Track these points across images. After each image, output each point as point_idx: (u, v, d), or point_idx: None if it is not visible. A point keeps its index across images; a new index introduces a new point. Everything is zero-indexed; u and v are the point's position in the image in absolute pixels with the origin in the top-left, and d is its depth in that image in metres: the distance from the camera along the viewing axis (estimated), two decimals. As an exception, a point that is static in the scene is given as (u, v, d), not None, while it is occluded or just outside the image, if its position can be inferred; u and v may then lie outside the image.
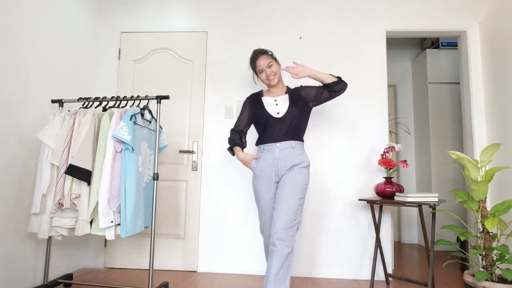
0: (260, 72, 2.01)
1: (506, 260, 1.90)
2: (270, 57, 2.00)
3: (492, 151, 2.01)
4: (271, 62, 1.98)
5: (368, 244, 2.61)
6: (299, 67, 1.96)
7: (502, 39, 2.53)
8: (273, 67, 1.98)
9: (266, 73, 1.98)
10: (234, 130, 2.08)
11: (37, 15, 2.23)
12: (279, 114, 1.95)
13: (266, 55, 2.00)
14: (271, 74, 1.98)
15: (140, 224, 2.03)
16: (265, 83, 2.04)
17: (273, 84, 2.01)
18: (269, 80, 1.99)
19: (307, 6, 2.89)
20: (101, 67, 2.96)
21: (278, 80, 2.02)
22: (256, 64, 2.01)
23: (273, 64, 1.99)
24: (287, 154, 1.91)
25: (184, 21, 2.95)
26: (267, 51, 2.02)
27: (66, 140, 2.03)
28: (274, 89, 2.06)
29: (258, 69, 2.01)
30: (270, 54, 2.01)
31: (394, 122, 4.16)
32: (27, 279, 2.15)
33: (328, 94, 1.99)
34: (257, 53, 2.02)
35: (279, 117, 1.94)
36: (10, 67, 2.02)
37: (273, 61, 2.00)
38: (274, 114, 1.95)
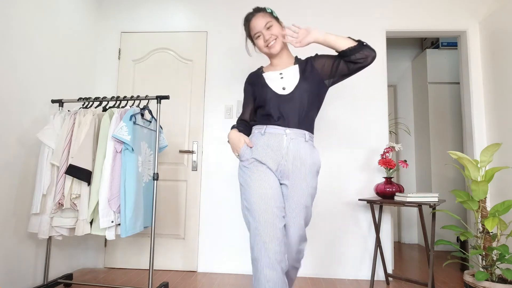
0: (256, 37, 1.50)
1: (506, 260, 1.90)
2: (269, 16, 1.50)
3: (492, 151, 2.01)
4: (271, 22, 1.48)
5: (368, 244, 2.61)
6: (303, 31, 1.43)
7: (502, 39, 2.53)
8: (273, 28, 1.48)
9: (265, 37, 1.47)
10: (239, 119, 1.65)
11: (37, 15, 2.23)
12: (285, 90, 1.44)
13: (263, 12, 1.50)
14: (271, 39, 1.47)
15: (140, 224, 2.03)
16: (264, 52, 1.53)
17: (275, 52, 1.50)
18: (269, 47, 1.49)
19: (307, 5, 2.88)
20: (101, 67, 2.96)
21: (280, 46, 1.50)
22: (251, 26, 1.51)
23: (273, 24, 1.48)
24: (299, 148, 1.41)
25: (184, 21, 2.95)
26: (265, 8, 1.52)
27: (66, 140, 2.03)
28: (278, 61, 1.56)
29: (254, 33, 1.50)
30: (269, 12, 1.52)
31: (394, 122, 4.16)
32: (27, 279, 2.15)
33: (345, 66, 1.44)
34: (252, 11, 1.53)
35: (285, 94, 1.43)
36: (10, 67, 2.02)
37: (273, 20, 1.50)
38: (278, 90, 1.45)
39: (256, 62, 2.84)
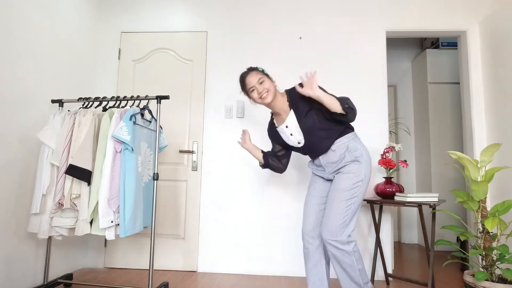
0: (251, 91, 1.78)
1: (506, 260, 1.90)
2: (260, 73, 1.79)
3: (492, 151, 2.01)
4: (262, 78, 1.77)
5: (368, 244, 2.61)
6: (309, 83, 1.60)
7: (502, 39, 2.53)
8: (265, 83, 1.75)
9: (258, 91, 1.75)
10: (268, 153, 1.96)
11: (37, 15, 2.23)
12: (300, 144, 1.79)
13: (255, 71, 1.80)
14: (264, 91, 1.74)
15: (139, 224, 2.03)
16: (258, 103, 1.80)
17: (267, 102, 1.76)
18: (262, 99, 1.76)
19: (307, 6, 2.89)
20: (101, 67, 2.96)
21: (272, 97, 1.76)
22: (246, 82, 1.79)
23: (264, 80, 1.76)
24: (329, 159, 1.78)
25: (184, 21, 2.95)
26: (257, 68, 1.83)
27: (66, 140, 2.03)
28: (277, 108, 1.82)
29: (249, 87, 1.78)
30: (260, 70, 1.82)
31: (394, 122, 4.16)
32: (27, 279, 2.15)
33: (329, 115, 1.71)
34: (245, 71, 1.84)
35: (302, 146, 1.80)
36: (10, 67, 2.02)
37: (264, 77, 1.78)
38: (295, 145, 1.82)
39: (255, 63, 2.85)
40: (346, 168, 1.72)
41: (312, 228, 1.81)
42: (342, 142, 1.74)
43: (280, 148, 1.93)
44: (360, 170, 1.70)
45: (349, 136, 1.77)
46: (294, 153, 2.71)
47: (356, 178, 1.69)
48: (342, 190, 1.68)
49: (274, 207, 2.71)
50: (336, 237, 1.64)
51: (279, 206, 2.71)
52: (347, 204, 1.66)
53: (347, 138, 1.75)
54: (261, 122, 2.78)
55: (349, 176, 1.69)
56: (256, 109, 2.79)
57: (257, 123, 2.79)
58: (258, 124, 2.79)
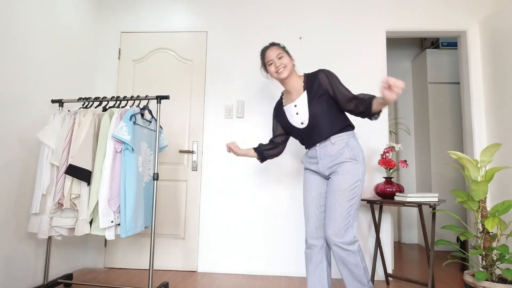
0: (269, 64, 1.82)
1: (506, 260, 1.90)
2: (281, 48, 1.82)
3: (492, 151, 2.01)
4: (282, 54, 1.80)
5: (368, 244, 2.61)
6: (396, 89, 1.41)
7: (502, 39, 2.53)
8: (283, 58, 1.79)
9: (276, 64, 1.79)
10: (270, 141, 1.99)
11: (37, 15, 2.23)
12: (303, 124, 1.78)
13: (277, 46, 1.84)
14: (281, 66, 1.77)
15: (140, 224, 2.03)
16: (274, 77, 1.84)
17: (283, 77, 1.79)
18: (278, 73, 1.79)
19: (307, 6, 2.89)
20: (101, 67, 2.96)
21: (288, 73, 1.79)
22: (266, 55, 1.83)
23: (283, 55, 1.80)
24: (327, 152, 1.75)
25: (184, 21, 2.95)
26: (278, 43, 1.86)
27: (66, 140, 2.03)
28: (290, 86, 1.84)
29: (267, 60, 1.82)
30: (282, 47, 1.85)
31: (394, 122, 4.16)
32: (27, 279, 2.15)
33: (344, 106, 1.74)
34: (268, 45, 1.87)
35: (304, 127, 1.78)
36: (10, 67, 2.02)
37: (284, 53, 1.81)
38: (298, 125, 1.81)
39: (256, 64, 2.85)
40: (343, 167, 1.70)
41: (315, 229, 1.79)
42: (342, 137, 1.73)
43: (280, 133, 1.94)
44: (358, 169, 1.70)
45: (349, 133, 1.76)
46: (293, 153, 2.71)
47: (355, 178, 1.68)
48: (343, 191, 1.67)
49: (274, 207, 2.71)
50: (342, 239, 1.63)
51: (279, 206, 2.71)
52: (349, 204, 1.66)
53: (348, 135, 1.75)
54: (260, 123, 2.78)
55: (348, 176, 1.68)
56: (256, 109, 2.79)
57: (257, 123, 2.79)
58: (258, 124, 2.79)
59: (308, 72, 1.86)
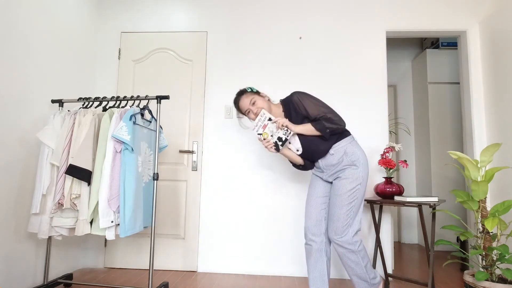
0: (247, 113, 1.89)
1: (506, 260, 1.90)
2: (250, 94, 1.89)
3: (492, 151, 2.01)
4: (253, 98, 1.86)
5: (368, 244, 2.61)
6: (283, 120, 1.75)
7: (502, 39, 2.53)
8: (257, 102, 1.85)
9: (253, 111, 1.85)
10: None
11: (37, 15, 2.23)
12: (299, 152, 1.88)
13: (245, 94, 1.90)
14: (259, 111, 1.83)
15: (139, 224, 2.03)
16: None
17: None
18: None
19: (307, 6, 2.89)
20: (101, 67, 2.96)
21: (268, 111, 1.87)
22: (240, 107, 1.91)
23: (256, 99, 1.86)
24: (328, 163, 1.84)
25: (184, 21, 2.95)
26: (245, 89, 1.93)
27: (66, 140, 2.03)
28: None
29: (244, 111, 1.90)
30: (249, 91, 1.91)
31: (394, 122, 4.16)
32: (27, 279, 2.15)
33: None
34: (236, 96, 1.94)
35: (302, 153, 1.87)
36: (10, 67, 2.02)
37: (255, 96, 1.88)
38: (295, 152, 1.90)
39: (255, 63, 2.85)
40: (344, 173, 1.79)
41: (314, 225, 1.88)
42: (340, 146, 1.80)
43: None
44: (357, 174, 1.78)
45: (347, 139, 1.83)
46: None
47: (354, 182, 1.77)
48: (342, 194, 1.78)
49: (274, 207, 2.71)
50: (341, 237, 1.75)
51: (279, 206, 2.71)
52: (348, 207, 1.77)
53: (345, 142, 1.82)
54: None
55: (348, 181, 1.77)
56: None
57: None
58: (258, 124, 2.79)
59: (283, 98, 1.94)
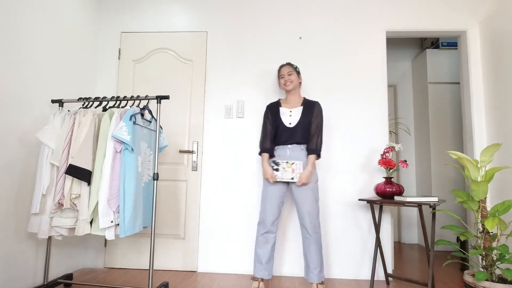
0: (281, 77, 2.37)
1: (506, 260, 1.90)
2: (292, 68, 2.36)
3: (492, 151, 2.01)
4: (292, 72, 2.34)
5: (368, 244, 2.61)
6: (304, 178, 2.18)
7: (502, 39, 2.53)
8: (292, 76, 2.32)
9: (285, 79, 2.33)
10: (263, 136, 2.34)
11: (36, 15, 2.23)
12: (291, 124, 2.27)
13: (290, 65, 2.38)
14: (288, 81, 2.32)
15: (139, 224, 2.03)
16: (281, 88, 2.39)
17: (288, 89, 2.33)
18: (285, 86, 2.34)
19: (307, 6, 2.89)
20: (101, 67, 2.96)
21: (292, 87, 2.32)
22: (280, 70, 2.39)
23: (293, 74, 2.33)
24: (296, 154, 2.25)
25: (184, 21, 2.95)
26: (293, 64, 2.39)
27: (66, 140, 2.03)
28: (290, 98, 2.36)
29: (280, 74, 2.37)
30: (294, 67, 2.37)
31: (394, 122, 4.16)
32: (27, 279, 2.15)
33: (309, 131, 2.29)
34: (284, 63, 2.42)
35: (290, 127, 2.26)
36: (10, 67, 2.02)
37: (294, 71, 2.34)
38: (286, 124, 2.28)
39: (255, 63, 2.85)
40: None
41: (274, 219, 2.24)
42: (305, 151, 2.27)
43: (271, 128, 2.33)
44: None
45: None
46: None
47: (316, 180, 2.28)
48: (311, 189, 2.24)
49: (274, 207, 2.71)
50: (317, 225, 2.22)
51: (279, 206, 2.71)
52: None
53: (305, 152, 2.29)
54: (260, 123, 2.78)
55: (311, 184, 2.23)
56: (256, 109, 2.80)
57: (257, 123, 2.79)
58: (258, 124, 2.79)
59: (308, 98, 2.51)
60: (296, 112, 2.31)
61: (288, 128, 2.27)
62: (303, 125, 2.26)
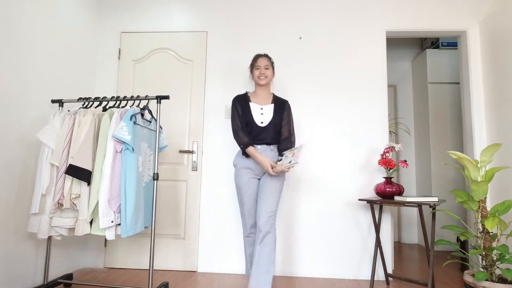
0: (256, 69, 2.21)
1: (506, 260, 1.90)
2: (270, 62, 2.23)
3: (492, 151, 2.01)
4: (269, 66, 2.21)
5: (368, 244, 2.61)
6: None
7: (502, 39, 2.53)
8: (268, 71, 2.20)
9: (260, 71, 2.19)
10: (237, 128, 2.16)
11: (36, 15, 2.23)
12: (263, 124, 2.15)
13: (267, 58, 2.24)
14: (263, 75, 2.19)
15: (140, 224, 2.03)
16: (254, 80, 2.23)
17: (261, 84, 2.19)
18: (259, 79, 2.19)
19: (308, 6, 2.89)
20: (101, 67, 2.96)
21: (266, 82, 2.20)
22: (257, 61, 2.23)
23: (269, 68, 2.21)
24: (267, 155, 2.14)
25: (184, 21, 2.95)
26: (270, 58, 2.26)
27: (66, 140, 2.03)
28: (261, 93, 2.23)
29: (256, 65, 2.21)
30: (271, 61, 2.25)
31: (394, 122, 4.16)
32: (27, 279, 2.15)
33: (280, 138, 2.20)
34: (262, 54, 2.27)
35: (262, 126, 2.15)
36: (10, 67, 2.02)
37: (270, 66, 2.22)
38: (258, 123, 2.15)
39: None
40: None
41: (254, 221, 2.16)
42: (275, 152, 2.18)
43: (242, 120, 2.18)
44: None
45: None
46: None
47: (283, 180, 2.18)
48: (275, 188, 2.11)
49: (274, 207, 2.71)
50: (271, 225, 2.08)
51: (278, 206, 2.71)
52: None
53: None
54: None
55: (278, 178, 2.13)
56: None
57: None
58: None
59: (276, 95, 2.29)
60: (268, 110, 2.19)
61: (259, 127, 2.15)
62: (274, 125, 2.15)
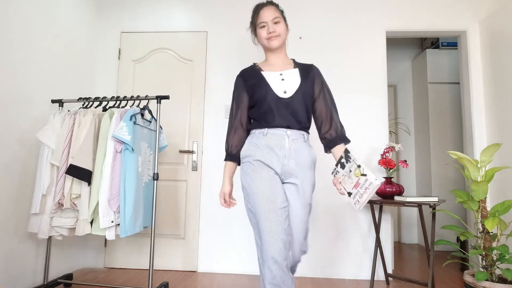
0: (261, 27, 1.46)
1: (506, 260, 1.90)
2: (279, 12, 1.48)
3: (492, 151, 2.01)
4: (279, 19, 1.46)
5: (368, 244, 2.61)
6: None
7: (502, 39, 2.53)
8: (279, 25, 1.45)
9: (269, 30, 1.44)
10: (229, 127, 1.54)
11: (36, 15, 2.23)
12: (286, 94, 1.42)
13: (275, 7, 1.48)
14: (274, 34, 1.44)
15: (140, 224, 2.03)
16: (262, 44, 1.51)
17: (273, 47, 1.47)
18: (268, 40, 1.45)
19: (307, 6, 2.88)
20: (101, 67, 2.96)
21: (280, 44, 1.47)
22: (259, 15, 1.47)
23: (280, 21, 1.46)
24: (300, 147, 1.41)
25: (184, 21, 2.95)
26: (278, 4, 1.50)
27: (66, 140, 2.03)
28: (274, 59, 1.52)
29: (260, 22, 1.46)
30: (281, 10, 1.50)
31: (394, 122, 4.16)
32: (27, 279, 2.15)
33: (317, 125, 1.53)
34: (264, 2, 1.51)
35: (286, 97, 1.41)
36: (10, 67, 2.02)
37: (281, 18, 1.47)
38: (279, 93, 1.42)
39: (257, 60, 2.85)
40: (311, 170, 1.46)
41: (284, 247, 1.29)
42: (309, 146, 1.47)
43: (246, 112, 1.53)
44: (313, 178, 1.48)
45: None
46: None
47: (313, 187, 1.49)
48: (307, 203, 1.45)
49: (274, 207, 2.70)
50: None
51: (279, 206, 2.70)
52: None
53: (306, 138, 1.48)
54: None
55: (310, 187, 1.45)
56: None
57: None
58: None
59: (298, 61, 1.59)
60: (291, 75, 1.47)
61: (282, 100, 1.40)
62: (304, 95, 1.43)
